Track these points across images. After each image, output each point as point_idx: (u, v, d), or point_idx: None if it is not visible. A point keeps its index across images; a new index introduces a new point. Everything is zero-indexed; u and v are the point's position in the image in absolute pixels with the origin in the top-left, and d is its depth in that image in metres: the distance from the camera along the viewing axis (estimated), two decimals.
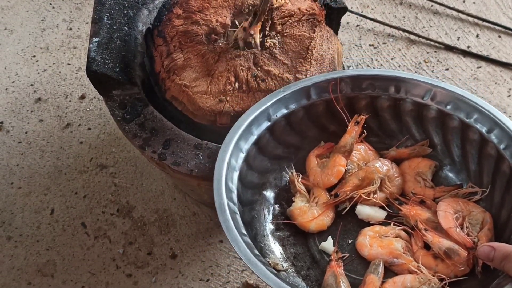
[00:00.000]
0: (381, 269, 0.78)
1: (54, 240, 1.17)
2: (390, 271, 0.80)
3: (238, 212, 0.76)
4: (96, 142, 1.30)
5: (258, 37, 0.93)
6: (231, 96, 0.88)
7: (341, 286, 0.77)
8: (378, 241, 0.81)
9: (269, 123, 0.86)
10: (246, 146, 0.83)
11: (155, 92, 0.96)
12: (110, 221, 1.19)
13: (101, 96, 0.96)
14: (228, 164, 0.79)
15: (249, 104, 0.87)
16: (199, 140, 0.89)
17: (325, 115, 0.90)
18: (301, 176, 0.88)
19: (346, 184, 0.85)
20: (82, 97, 1.37)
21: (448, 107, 0.86)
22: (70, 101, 1.37)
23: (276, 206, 0.88)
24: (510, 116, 1.31)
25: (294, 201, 0.87)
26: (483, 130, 0.83)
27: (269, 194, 0.88)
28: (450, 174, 0.90)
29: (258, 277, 0.70)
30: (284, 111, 0.87)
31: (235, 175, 0.80)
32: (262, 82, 0.89)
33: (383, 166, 0.88)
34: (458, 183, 0.88)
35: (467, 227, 0.80)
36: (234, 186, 0.79)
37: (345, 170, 0.87)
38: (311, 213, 0.84)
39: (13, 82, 1.41)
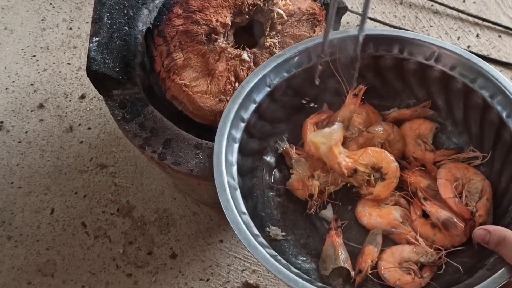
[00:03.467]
0: (379, 239, 0.79)
1: (54, 240, 1.17)
2: (388, 239, 0.80)
3: (238, 188, 0.75)
4: (96, 141, 1.30)
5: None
6: (231, 95, 0.88)
7: (340, 257, 0.77)
8: (377, 210, 0.81)
9: (269, 89, 0.84)
10: (246, 115, 0.81)
11: (155, 91, 0.96)
12: (110, 220, 1.19)
13: (101, 96, 0.96)
14: (228, 136, 0.78)
15: None
16: (199, 139, 0.88)
17: (327, 75, 0.87)
18: (294, 147, 0.86)
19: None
20: (82, 97, 1.37)
21: (452, 70, 0.84)
22: (70, 100, 1.37)
23: (276, 170, 0.87)
24: None
25: (292, 173, 0.85)
26: (487, 95, 0.81)
27: (270, 158, 0.87)
28: (451, 137, 0.89)
29: (257, 261, 0.70)
30: (285, 75, 0.85)
31: (235, 147, 0.79)
32: None
33: (384, 130, 0.86)
34: (459, 146, 0.87)
35: (466, 197, 0.80)
36: (234, 159, 0.78)
37: (345, 136, 0.86)
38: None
39: (13, 81, 1.41)
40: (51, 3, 1.57)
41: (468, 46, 1.43)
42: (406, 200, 0.82)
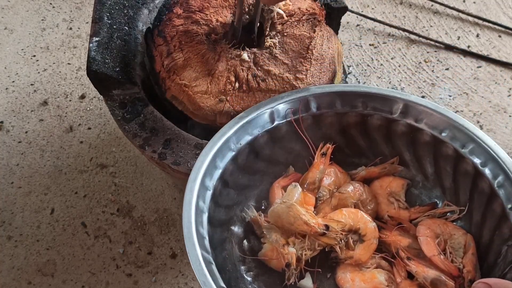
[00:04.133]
0: None
1: (54, 240, 1.17)
2: None
3: (213, 262, 0.70)
4: (96, 141, 1.30)
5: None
6: (231, 95, 0.88)
7: None
8: (359, 275, 0.77)
9: (233, 153, 0.80)
10: (212, 182, 0.77)
11: (155, 91, 0.96)
12: (110, 220, 1.19)
13: (101, 96, 0.96)
14: (196, 206, 0.73)
15: (249, 104, 0.87)
16: (199, 139, 0.88)
17: (290, 136, 0.85)
18: (263, 215, 0.82)
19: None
20: (82, 97, 1.37)
21: (419, 122, 0.81)
22: (70, 100, 1.37)
23: (245, 241, 0.83)
24: (510, 116, 1.31)
25: (263, 242, 0.81)
26: (458, 145, 0.78)
27: (237, 229, 0.83)
28: (424, 192, 0.86)
29: None
30: (248, 137, 0.81)
31: (205, 217, 0.74)
32: (262, 82, 0.89)
33: (355, 190, 0.83)
34: (433, 201, 0.84)
35: (450, 253, 0.77)
36: (205, 230, 0.73)
37: (316, 198, 0.83)
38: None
39: (13, 81, 1.41)
40: (51, 3, 1.57)
41: (468, 46, 1.43)
42: (388, 262, 0.79)
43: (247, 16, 0.96)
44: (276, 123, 0.83)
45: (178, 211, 1.19)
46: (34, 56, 1.46)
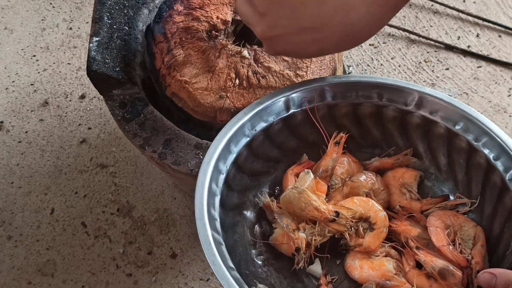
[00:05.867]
0: None
1: (54, 240, 1.16)
2: None
3: (223, 243, 0.71)
4: (96, 141, 1.30)
5: None
6: (231, 92, 0.88)
7: None
8: (368, 262, 0.78)
9: (248, 139, 0.81)
10: (225, 166, 0.78)
11: (156, 91, 0.96)
12: (110, 220, 1.18)
13: (101, 96, 0.96)
14: (209, 189, 0.74)
15: (250, 101, 0.87)
16: (199, 139, 0.88)
17: (305, 125, 0.86)
18: (275, 201, 0.83)
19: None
20: (82, 97, 1.37)
21: (434, 114, 0.82)
22: (70, 100, 1.37)
23: (257, 226, 0.83)
24: (510, 116, 1.31)
25: (275, 227, 0.82)
26: (471, 138, 0.79)
27: (250, 214, 0.84)
28: (437, 184, 0.86)
29: None
30: (263, 124, 0.82)
31: (217, 200, 0.75)
32: (263, 79, 0.89)
33: (367, 179, 0.84)
34: (445, 193, 0.85)
35: (459, 244, 0.77)
36: (216, 212, 0.74)
37: (328, 186, 0.84)
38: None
39: (13, 81, 1.41)
40: (51, 3, 1.57)
41: (468, 46, 1.43)
42: (397, 251, 0.79)
43: None
44: (291, 111, 0.84)
45: (178, 211, 1.19)
46: (34, 56, 1.46)
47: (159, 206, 1.20)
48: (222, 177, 0.77)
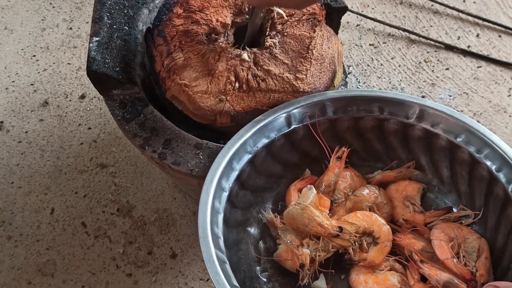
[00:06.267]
0: None
1: (54, 240, 1.17)
2: None
3: (227, 261, 0.71)
4: (96, 141, 1.30)
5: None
6: (231, 95, 0.88)
7: None
8: (373, 277, 0.78)
9: (250, 156, 0.81)
10: (228, 184, 0.78)
11: (155, 91, 0.96)
12: (110, 220, 1.19)
13: (101, 96, 0.96)
14: (212, 207, 0.74)
15: (249, 104, 0.87)
16: (199, 139, 0.88)
17: (307, 140, 0.86)
18: (279, 217, 0.83)
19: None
20: (82, 97, 1.37)
21: (435, 127, 0.82)
22: (70, 100, 1.37)
23: (261, 242, 0.84)
24: (510, 116, 1.31)
25: (279, 243, 0.82)
26: (473, 150, 0.79)
27: (253, 230, 0.84)
28: (440, 196, 0.87)
29: None
30: (265, 140, 0.83)
31: (220, 217, 0.75)
32: (262, 82, 0.89)
33: (370, 193, 0.84)
34: (448, 205, 0.85)
35: (463, 257, 0.77)
36: (220, 230, 0.74)
37: (331, 201, 0.84)
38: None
39: (13, 81, 1.41)
40: (51, 3, 1.57)
41: (468, 46, 1.43)
42: (401, 265, 0.79)
43: (247, 16, 0.96)
44: (293, 126, 0.84)
45: (178, 211, 1.19)
46: (34, 56, 1.46)
47: (159, 206, 1.20)
48: (225, 195, 0.77)
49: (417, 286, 0.77)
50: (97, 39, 0.94)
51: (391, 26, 1.46)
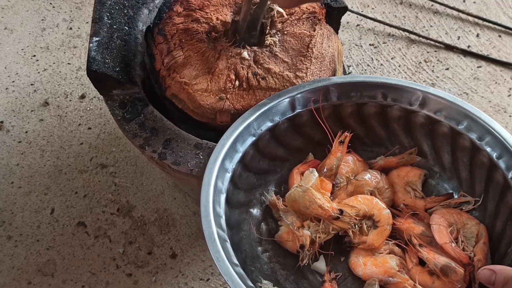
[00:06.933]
0: None
1: (54, 240, 1.16)
2: None
3: (228, 240, 0.72)
4: (96, 141, 1.30)
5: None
6: (231, 94, 0.88)
7: None
8: (372, 259, 0.79)
9: (254, 138, 0.82)
10: (231, 165, 0.79)
11: (155, 91, 0.96)
12: (110, 220, 1.18)
13: (101, 96, 0.96)
14: (215, 187, 0.75)
15: (249, 102, 0.87)
16: (199, 139, 0.88)
17: (311, 125, 0.87)
18: (281, 199, 0.84)
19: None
20: (82, 97, 1.37)
21: (438, 113, 0.83)
22: (70, 100, 1.37)
23: (263, 224, 0.84)
24: (510, 116, 1.31)
25: (280, 225, 0.83)
26: (475, 137, 0.80)
27: (256, 211, 0.85)
28: (441, 182, 0.87)
29: None
30: (269, 124, 0.84)
31: (222, 197, 0.77)
32: (263, 80, 0.89)
33: (372, 178, 0.85)
34: (449, 192, 0.86)
35: (462, 241, 0.78)
36: (221, 210, 0.75)
37: (333, 185, 0.85)
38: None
39: (13, 81, 1.41)
40: (51, 3, 1.57)
41: (468, 46, 1.43)
42: (400, 248, 0.80)
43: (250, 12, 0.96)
44: (297, 111, 0.85)
45: (178, 211, 1.19)
46: (34, 56, 1.46)
47: (159, 206, 1.20)
48: (228, 176, 0.78)
49: (415, 269, 0.78)
50: (97, 39, 0.94)
51: (391, 26, 1.46)
